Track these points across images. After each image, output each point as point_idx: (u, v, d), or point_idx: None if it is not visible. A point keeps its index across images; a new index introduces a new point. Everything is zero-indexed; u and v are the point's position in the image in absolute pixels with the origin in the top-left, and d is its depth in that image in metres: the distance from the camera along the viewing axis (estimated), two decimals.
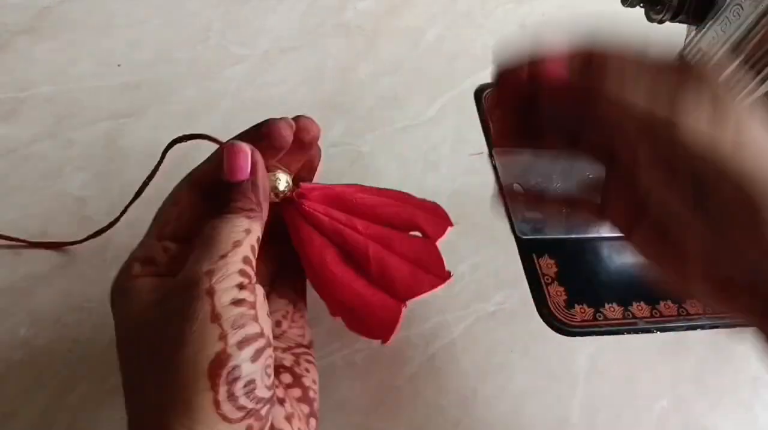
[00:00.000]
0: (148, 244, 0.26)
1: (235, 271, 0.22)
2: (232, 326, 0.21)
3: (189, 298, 0.21)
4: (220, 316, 0.21)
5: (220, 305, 0.21)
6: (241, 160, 0.26)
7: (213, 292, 0.21)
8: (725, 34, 0.33)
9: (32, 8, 0.49)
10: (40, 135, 0.42)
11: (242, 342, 0.21)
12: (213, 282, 0.22)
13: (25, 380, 0.32)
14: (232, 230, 0.24)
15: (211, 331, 0.21)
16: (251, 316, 0.22)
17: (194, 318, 0.21)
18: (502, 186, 0.33)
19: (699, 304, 0.42)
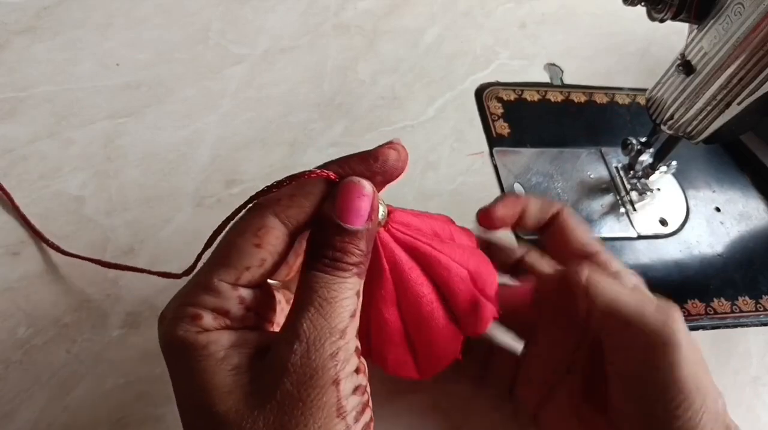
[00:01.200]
0: (222, 290, 0.20)
1: (352, 350, 0.20)
2: (355, 418, 0.19)
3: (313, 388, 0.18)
4: (345, 409, 0.19)
5: (345, 397, 0.19)
6: (362, 204, 0.21)
7: (339, 382, 0.19)
8: (726, 34, 0.33)
9: (32, 8, 0.49)
10: (39, 135, 0.42)
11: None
12: (338, 370, 0.19)
13: (25, 380, 0.32)
14: (346, 295, 0.20)
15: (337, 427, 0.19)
16: (365, 402, 0.20)
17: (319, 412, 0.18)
18: None
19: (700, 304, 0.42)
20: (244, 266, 0.21)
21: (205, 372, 0.19)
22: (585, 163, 0.49)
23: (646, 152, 0.44)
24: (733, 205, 0.49)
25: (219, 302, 0.20)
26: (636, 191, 0.47)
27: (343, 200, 0.21)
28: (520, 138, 0.49)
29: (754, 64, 0.32)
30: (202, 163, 0.43)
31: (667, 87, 0.38)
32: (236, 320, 0.21)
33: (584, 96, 0.54)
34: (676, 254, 0.45)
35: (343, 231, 0.20)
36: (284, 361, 0.19)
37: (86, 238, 0.38)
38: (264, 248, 0.21)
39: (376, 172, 0.22)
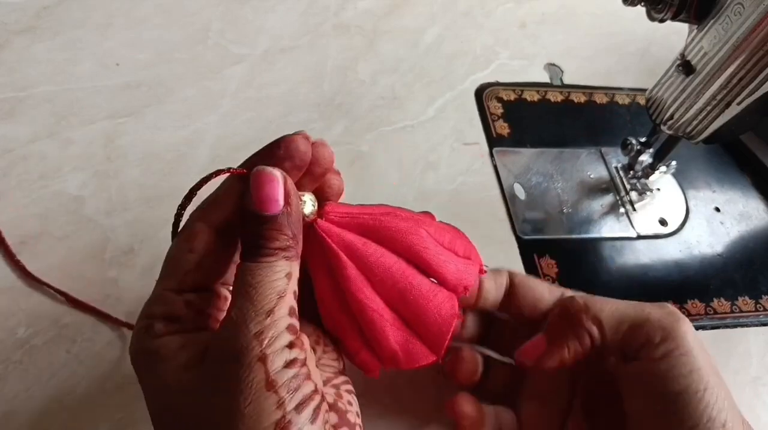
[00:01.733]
0: (167, 298, 0.22)
1: (283, 328, 0.20)
2: (288, 390, 0.20)
3: (238, 367, 0.19)
4: (276, 383, 0.19)
5: (274, 371, 0.20)
6: (273, 189, 0.22)
7: (265, 358, 0.19)
8: (726, 34, 0.33)
9: (32, 8, 0.49)
10: (39, 134, 0.42)
11: (300, 405, 0.20)
12: (264, 347, 0.20)
13: (25, 380, 0.32)
14: (273, 277, 0.21)
15: (268, 400, 0.19)
16: (304, 375, 0.21)
17: (248, 389, 0.19)
18: None
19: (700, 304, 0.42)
20: (182, 272, 0.23)
21: (159, 373, 0.21)
22: (585, 163, 0.49)
23: (645, 152, 0.44)
24: (733, 205, 0.49)
25: (167, 309, 0.22)
26: (636, 191, 0.47)
27: (255, 189, 0.21)
28: (520, 138, 0.49)
29: (753, 64, 0.32)
30: (202, 163, 0.43)
31: (667, 87, 0.38)
32: (187, 323, 0.22)
33: (584, 96, 0.54)
34: (676, 254, 0.45)
35: (262, 218, 0.21)
36: (214, 348, 0.20)
37: (86, 238, 0.38)
38: (196, 251, 0.23)
39: (283, 158, 0.22)
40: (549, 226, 0.44)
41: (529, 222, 0.44)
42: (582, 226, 0.45)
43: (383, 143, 0.47)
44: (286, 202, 0.22)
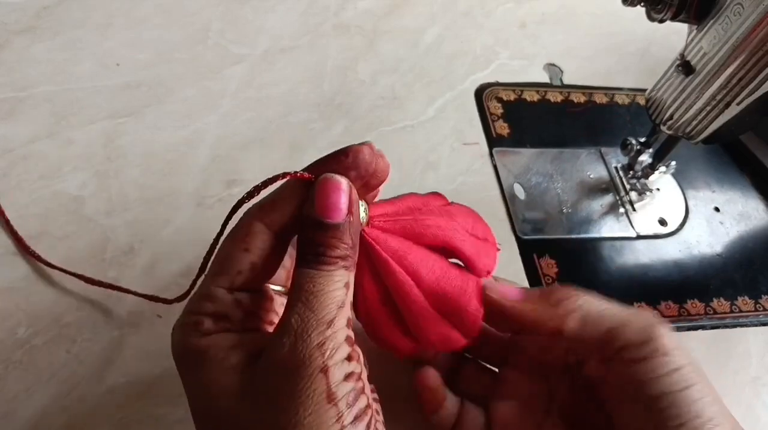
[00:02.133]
0: (218, 295, 0.22)
1: (342, 340, 0.20)
2: (347, 404, 0.20)
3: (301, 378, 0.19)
4: (336, 396, 0.19)
5: (335, 384, 0.19)
6: (338, 198, 0.22)
7: (327, 369, 0.19)
8: (726, 34, 0.33)
9: (32, 8, 0.49)
10: (39, 134, 0.42)
11: (356, 419, 0.20)
12: (326, 358, 0.19)
13: (25, 380, 0.32)
14: (333, 287, 0.21)
15: (328, 413, 0.19)
16: (360, 388, 0.20)
17: (308, 400, 0.19)
18: None
19: (699, 304, 0.42)
20: (236, 271, 0.22)
21: (207, 373, 0.20)
22: (585, 164, 0.49)
23: (645, 152, 0.44)
24: (733, 205, 0.49)
25: (217, 307, 0.22)
26: (635, 191, 0.47)
27: (320, 197, 0.21)
28: (519, 138, 0.49)
29: (753, 65, 0.32)
30: (202, 164, 0.43)
31: (666, 87, 0.38)
32: (236, 323, 0.22)
33: (584, 96, 0.54)
34: (676, 254, 0.45)
35: (324, 226, 0.21)
36: (274, 355, 0.20)
37: (86, 238, 0.38)
38: (252, 251, 0.22)
39: (349, 168, 0.22)
40: (549, 226, 0.44)
41: (529, 222, 0.44)
42: (582, 226, 0.45)
43: (383, 143, 0.47)
44: (349, 211, 0.22)
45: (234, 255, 0.22)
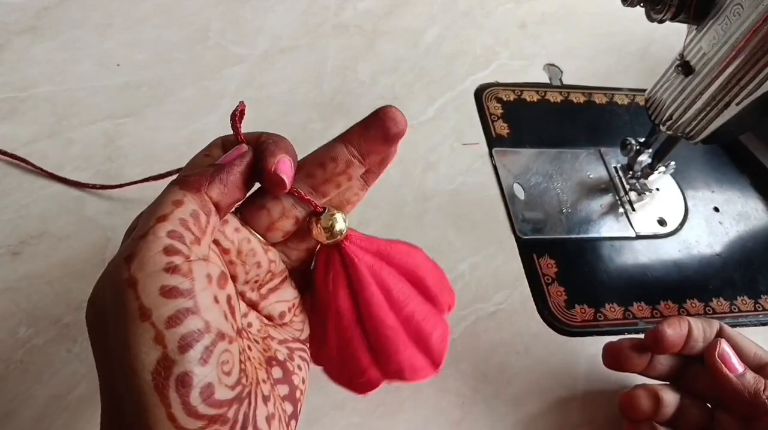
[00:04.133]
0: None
1: (157, 250, 0.18)
2: (166, 325, 0.17)
3: (114, 294, 0.18)
4: (150, 311, 0.17)
5: (147, 297, 0.17)
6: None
7: (135, 281, 0.18)
8: (725, 34, 0.33)
9: (32, 8, 0.49)
10: (39, 134, 0.42)
11: (183, 345, 0.18)
12: (132, 270, 0.18)
13: (26, 379, 0.32)
14: (159, 203, 0.20)
15: (144, 332, 0.17)
16: (189, 309, 0.18)
17: (124, 316, 0.17)
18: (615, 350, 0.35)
19: (699, 304, 0.42)
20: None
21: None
22: (584, 164, 0.49)
23: (645, 153, 0.44)
24: (732, 205, 0.49)
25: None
26: (635, 191, 0.47)
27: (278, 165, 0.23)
28: (519, 138, 0.49)
29: (752, 65, 0.32)
30: None
31: (666, 87, 0.38)
32: None
33: (583, 96, 0.54)
34: (675, 254, 0.45)
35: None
36: None
37: (87, 238, 0.38)
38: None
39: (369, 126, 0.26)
40: (548, 226, 0.44)
41: (529, 222, 0.44)
42: (581, 226, 0.45)
43: None
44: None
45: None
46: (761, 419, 0.30)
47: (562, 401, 0.36)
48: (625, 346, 0.34)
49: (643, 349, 0.34)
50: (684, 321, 0.33)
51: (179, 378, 0.17)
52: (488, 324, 0.38)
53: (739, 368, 0.31)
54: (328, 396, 0.34)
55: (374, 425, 0.33)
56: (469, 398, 0.35)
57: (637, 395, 0.33)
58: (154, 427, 0.17)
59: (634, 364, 0.34)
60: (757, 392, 0.30)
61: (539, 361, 0.37)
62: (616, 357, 0.34)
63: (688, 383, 0.34)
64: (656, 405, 0.33)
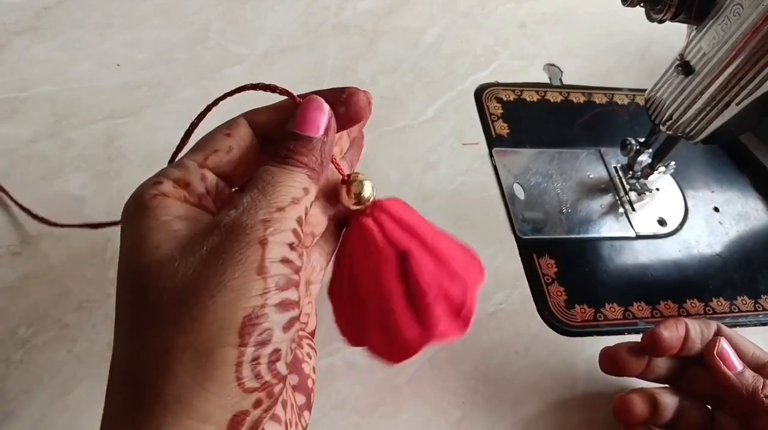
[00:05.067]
0: (188, 165, 0.22)
1: (289, 228, 0.20)
2: (276, 285, 0.19)
3: (238, 242, 0.19)
4: (267, 270, 0.19)
5: (269, 260, 0.19)
6: (318, 116, 0.23)
7: (266, 242, 0.19)
8: (725, 34, 0.33)
9: (32, 8, 0.49)
10: (39, 135, 0.42)
11: (281, 305, 0.19)
12: (267, 233, 0.19)
13: (25, 380, 0.32)
14: (292, 184, 0.21)
15: (255, 283, 0.19)
16: (295, 281, 0.20)
17: (240, 264, 0.18)
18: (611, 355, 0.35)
19: (699, 304, 0.42)
20: (212, 149, 0.23)
21: (147, 226, 0.20)
22: (584, 164, 0.49)
23: (645, 152, 0.44)
24: (732, 205, 0.49)
25: (182, 173, 0.22)
26: (635, 191, 0.47)
27: (302, 113, 0.23)
28: (519, 138, 0.49)
29: (752, 65, 0.32)
30: None
31: (666, 87, 0.38)
32: (194, 196, 0.22)
33: (583, 96, 0.54)
34: (675, 254, 0.45)
35: (298, 137, 0.23)
36: (217, 221, 0.20)
37: (87, 238, 0.38)
38: (233, 137, 0.23)
39: (341, 103, 0.24)
40: (548, 226, 0.44)
41: (529, 222, 0.44)
42: (581, 226, 0.45)
43: (383, 143, 0.47)
44: (325, 133, 0.23)
45: (215, 135, 0.24)
46: (759, 417, 0.30)
47: (562, 401, 0.36)
48: (621, 350, 0.34)
49: (640, 352, 0.34)
50: (681, 322, 0.33)
51: (264, 331, 0.18)
52: (488, 324, 0.38)
53: (738, 366, 0.31)
54: (328, 396, 0.34)
55: (374, 425, 0.33)
56: (469, 398, 0.35)
57: (631, 400, 0.33)
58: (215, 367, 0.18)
59: (631, 368, 0.34)
60: (756, 390, 0.30)
61: (539, 361, 0.37)
62: (613, 362, 0.34)
63: (688, 384, 0.34)
64: (652, 409, 0.33)
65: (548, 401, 0.36)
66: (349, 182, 0.27)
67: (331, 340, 0.36)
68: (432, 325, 0.28)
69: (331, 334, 0.36)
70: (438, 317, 0.28)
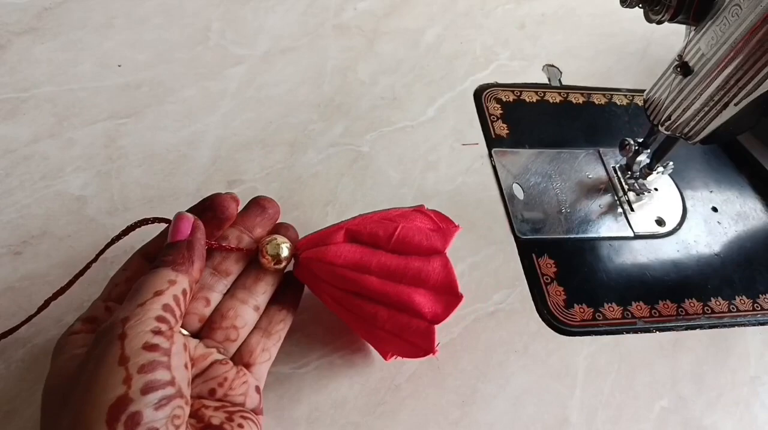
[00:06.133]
0: (94, 305, 0.27)
1: (151, 316, 0.23)
2: (139, 370, 0.21)
3: (102, 343, 0.22)
4: (128, 359, 0.21)
5: (130, 348, 0.21)
6: (183, 225, 0.28)
7: (124, 336, 0.22)
8: (724, 35, 0.33)
9: (33, 8, 0.50)
10: (40, 135, 0.42)
11: (147, 387, 0.21)
12: (126, 327, 0.22)
13: (25, 379, 0.32)
14: (156, 280, 0.25)
15: (117, 374, 0.21)
16: (163, 363, 0.22)
17: (104, 359, 0.21)
18: None
19: (697, 304, 0.43)
20: (113, 285, 0.28)
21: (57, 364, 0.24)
22: (583, 164, 0.49)
23: (643, 153, 0.45)
24: (731, 205, 0.49)
25: (88, 313, 0.27)
26: (633, 191, 0.47)
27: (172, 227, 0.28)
28: (518, 139, 0.50)
29: (751, 66, 0.32)
30: (203, 164, 0.43)
31: (664, 88, 0.38)
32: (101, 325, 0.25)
33: (582, 97, 0.54)
34: (674, 254, 0.45)
35: (168, 245, 0.27)
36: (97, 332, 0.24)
37: (88, 238, 0.38)
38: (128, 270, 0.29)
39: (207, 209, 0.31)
40: (547, 226, 0.44)
41: (528, 222, 0.44)
42: (580, 226, 0.45)
43: (383, 143, 0.47)
44: (191, 234, 0.28)
45: (115, 275, 0.29)
46: None
47: (561, 400, 0.36)
48: None
49: None
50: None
51: (131, 416, 0.20)
52: (488, 324, 0.39)
53: None
54: (328, 396, 0.34)
55: (374, 424, 0.34)
56: (468, 397, 0.35)
57: None
58: None
59: None
60: None
61: (538, 360, 0.38)
62: None
63: None
64: None
65: (547, 400, 0.36)
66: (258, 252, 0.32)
67: (330, 340, 0.36)
68: (423, 313, 0.31)
69: (331, 334, 0.36)
70: (421, 303, 0.31)
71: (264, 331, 0.31)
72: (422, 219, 0.33)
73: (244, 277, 0.32)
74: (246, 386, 0.29)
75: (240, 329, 0.30)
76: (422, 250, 0.32)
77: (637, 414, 0.36)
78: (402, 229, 0.32)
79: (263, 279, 0.32)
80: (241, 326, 0.30)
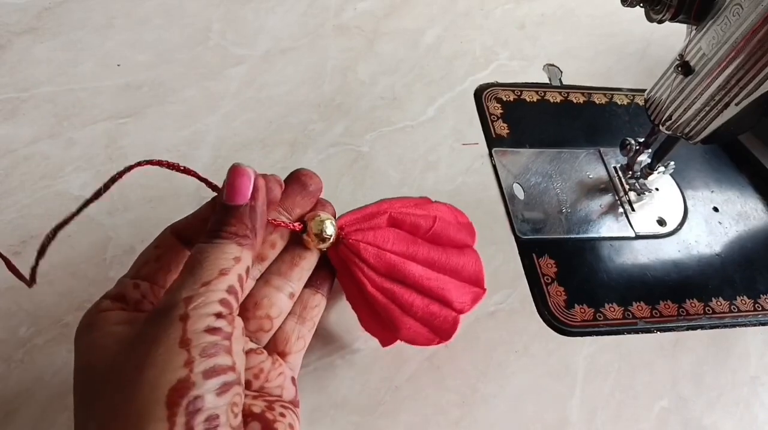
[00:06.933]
0: (122, 282, 0.26)
1: (215, 299, 0.21)
2: (201, 353, 0.20)
3: (161, 323, 0.20)
4: (190, 342, 0.20)
5: (192, 331, 0.20)
6: (242, 183, 0.24)
7: (187, 317, 0.20)
8: (725, 34, 0.33)
9: (33, 8, 0.50)
10: (40, 135, 0.42)
11: (209, 372, 0.20)
12: (189, 308, 0.21)
13: (27, 379, 0.32)
14: (220, 256, 0.22)
15: (178, 356, 0.20)
16: (224, 347, 0.21)
17: (163, 341, 0.20)
18: None
19: (698, 304, 0.42)
20: (143, 262, 0.26)
21: (93, 337, 0.23)
22: (584, 164, 0.49)
23: (644, 153, 0.45)
24: (732, 205, 0.49)
25: (116, 289, 0.25)
26: (634, 191, 0.47)
27: (228, 183, 0.25)
28: (519, 138, 0.50)
29: (752, 65, 0.32)
30: (203, 164, 0.43)
31: (665, 88, 0.38)
32: (131, 304, 0.24)
33: (583, 97, 0.54)
34: (675, 254, 0.45)
35: (227, 208, 0.24)
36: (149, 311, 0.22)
37: (88, 238, 0.38)
38: (160, 247, 0.27)
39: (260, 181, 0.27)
40: (548, 226, 0.44)
41: (528, 222, 0.44)
42: (581, 226, 0.45)
43: (383, 143, 0.47)
44: (252, 196, 0.24)
45: (145, 251, 0.27)
46: None
47: (561, 400, 0.36)
48: None
49: None
50: None
51: (192, 401, 0.19)
52: (488, 323, 0.39)
53: None
54: (329, 396, 0.34)
55: (374, 424, 0.34)
56: (468, 397, 0.35)
57: None
58: None
59: None
60: None
61: (539, 360, 0.37)
62: None
63: None
64: None
65: (547, 400, 0.36)
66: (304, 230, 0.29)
67: (331, 340, 0.36)
68: (453, 303, 0.32)
69: (331, 334, 0.36)
70: (453, 294, 0.31)
71: (298, 317, 0.30)
72: (445, 211, 0.35)
73: (279, 262, 0.30)
74: (282, 378, 0.28)
75: (274, 319, 0.29)
76: (454, 242, 0.33)
77: (637, 414, 0.36)
78: (439, 220, 0.33)
79: (299, 264, 0.30)
80: (276, 315, 0.29)
